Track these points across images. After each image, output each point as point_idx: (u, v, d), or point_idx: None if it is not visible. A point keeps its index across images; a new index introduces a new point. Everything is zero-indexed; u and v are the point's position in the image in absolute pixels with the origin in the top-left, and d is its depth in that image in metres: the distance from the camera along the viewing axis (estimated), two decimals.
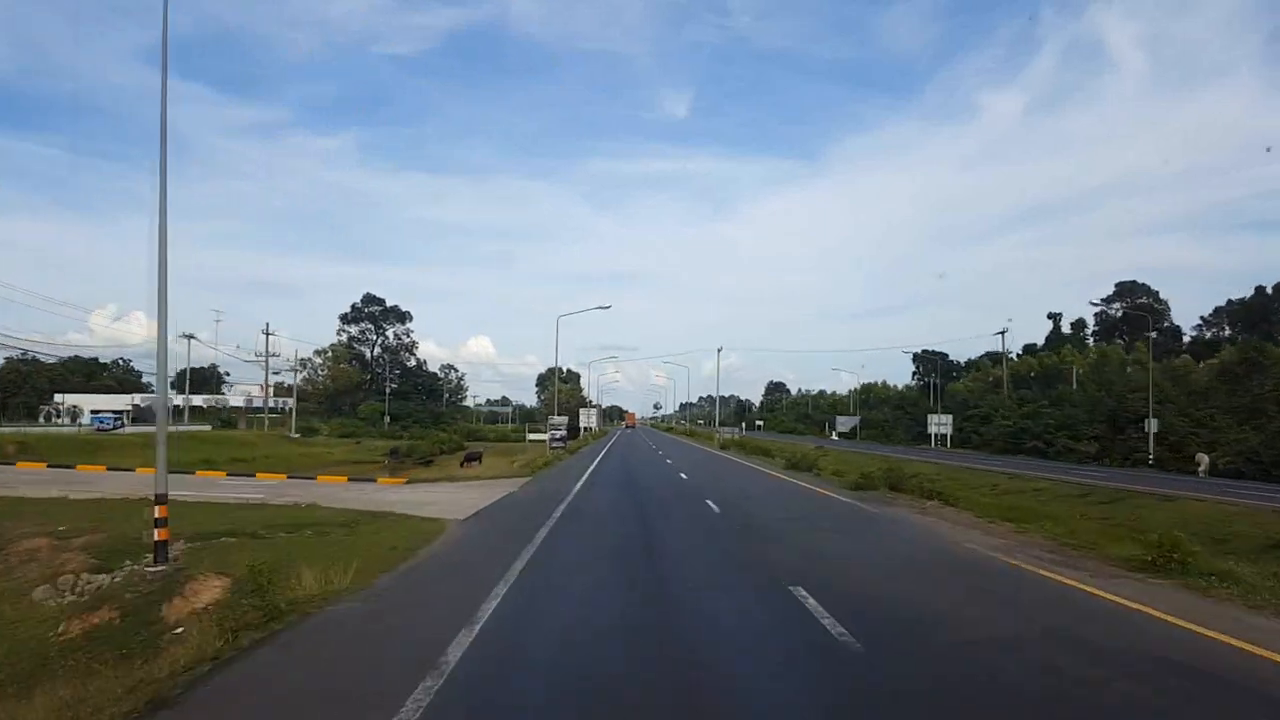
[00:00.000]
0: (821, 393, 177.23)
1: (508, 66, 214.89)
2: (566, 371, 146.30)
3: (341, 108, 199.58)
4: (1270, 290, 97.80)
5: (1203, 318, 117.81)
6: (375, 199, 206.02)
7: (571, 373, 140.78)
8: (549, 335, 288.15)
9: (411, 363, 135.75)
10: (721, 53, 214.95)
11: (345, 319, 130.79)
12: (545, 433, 46.02)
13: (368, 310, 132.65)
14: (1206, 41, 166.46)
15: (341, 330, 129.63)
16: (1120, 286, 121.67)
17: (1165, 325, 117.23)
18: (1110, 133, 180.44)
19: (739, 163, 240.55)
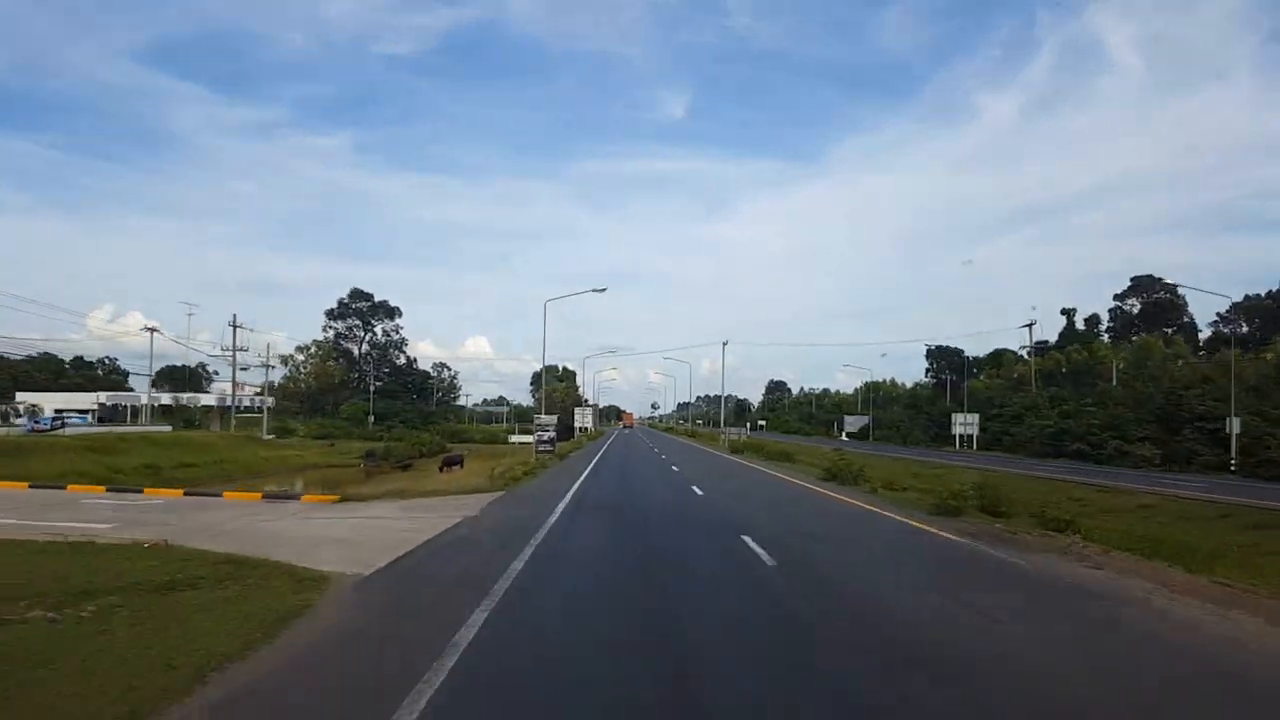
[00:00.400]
0: (825, 391, 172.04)
1: (504, 67, 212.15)
2: (563, 370, 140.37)
3: (337, 107, 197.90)
4: None
5: (1220, 314, 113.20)
6: (372, 199, 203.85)
7: (568, 371, 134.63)
8: (550, 334, 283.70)
9: (401, 360, 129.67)
10: (719, 53, 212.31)
11: (331, 315, 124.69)
12: (533, 434, 39.46)
13: (355, 306, 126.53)
14: (1207, 40, 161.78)
15: (328, 326, 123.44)
16: (1136, 281, 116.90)
17: (1184, 321, 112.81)
18: (1110, 132, 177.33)
19: (736, 163, 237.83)
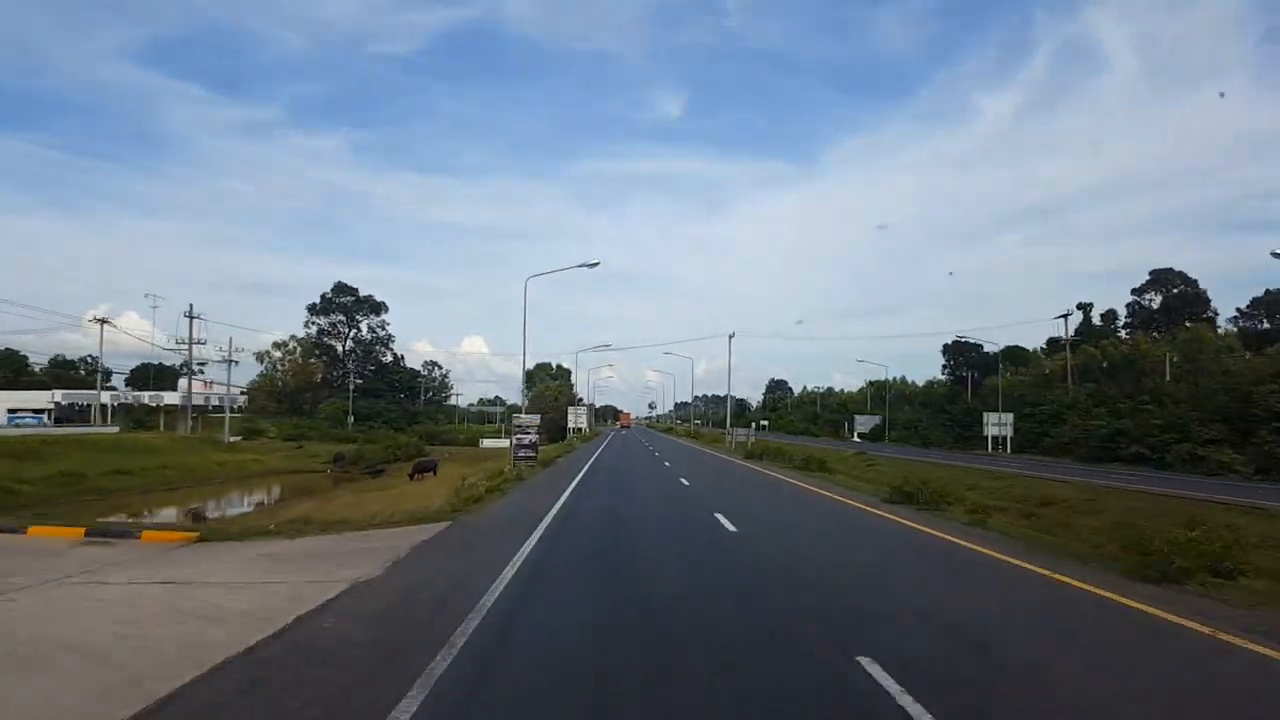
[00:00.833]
0: (829, 390, 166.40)
1: (502, 66, 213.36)
2: (556, 368, 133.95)
3: (334, 107, 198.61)
4: None
5: (1239, 309, 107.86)
6: (367, 199, 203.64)
7: (562, 369, 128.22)
8: (546, 333, 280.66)
9: (388, 358, 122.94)
10: (715, 52, 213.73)
11: (314, 310, 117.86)
12: (516, 436, 32.73)
13: (339, 301, 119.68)
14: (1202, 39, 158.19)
15: (311, 322, 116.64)
16: (1155, 275, 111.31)
17: (1206, 315, 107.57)
18: (1112, 131, 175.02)
19: (733, 163, 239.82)
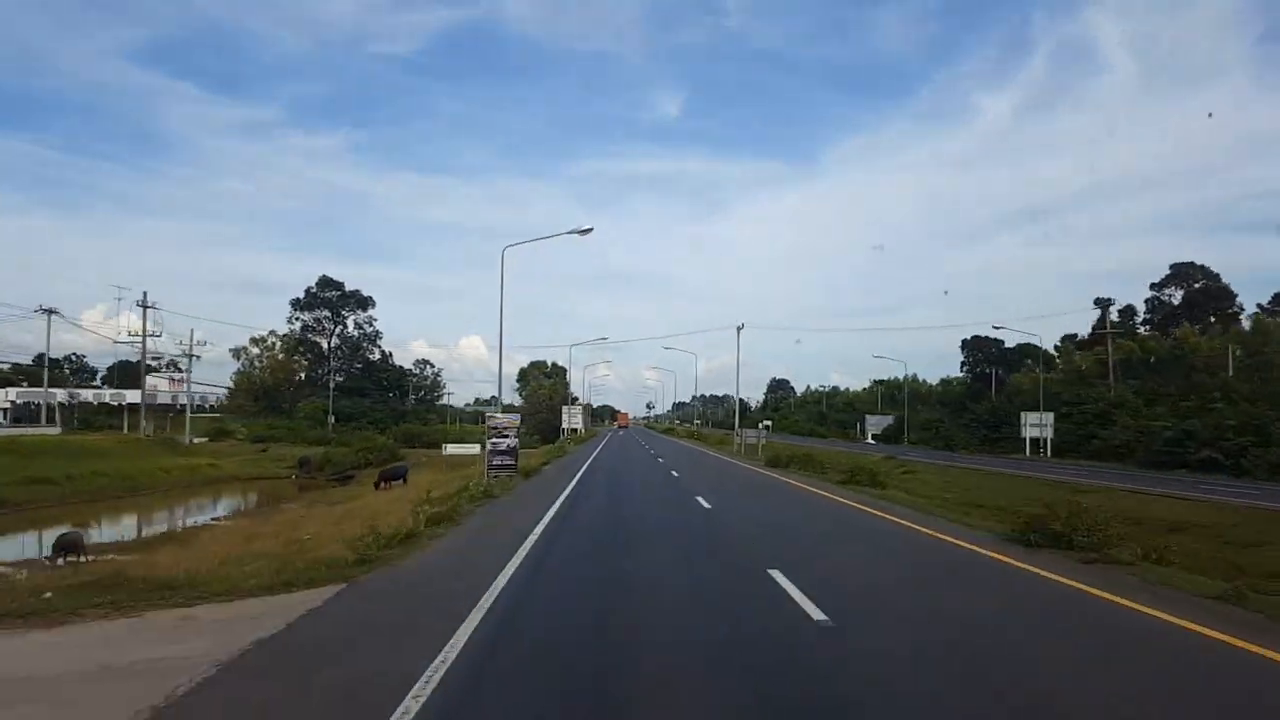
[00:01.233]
0: (834, 390, 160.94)
1: (501, 66, 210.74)
2: (551, 366, 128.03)
3: (334, 107, 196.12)
4: None
5: (1260, 305, 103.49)
6: (367, 198, 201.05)
7: (557, 367, 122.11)
8: (543, 331, 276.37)
9: (376, 356, 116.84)
10: (715, 52, 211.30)
11: (298, 305, 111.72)
12: (490, 440, 26.03)
13: (324, 295, 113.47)
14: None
15: (295, 318, 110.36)
16: (1175, 269, 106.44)
17: (1230, 310, 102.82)
18: (1109, 131, 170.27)
19: (733, 163, 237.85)
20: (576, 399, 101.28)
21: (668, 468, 33.76)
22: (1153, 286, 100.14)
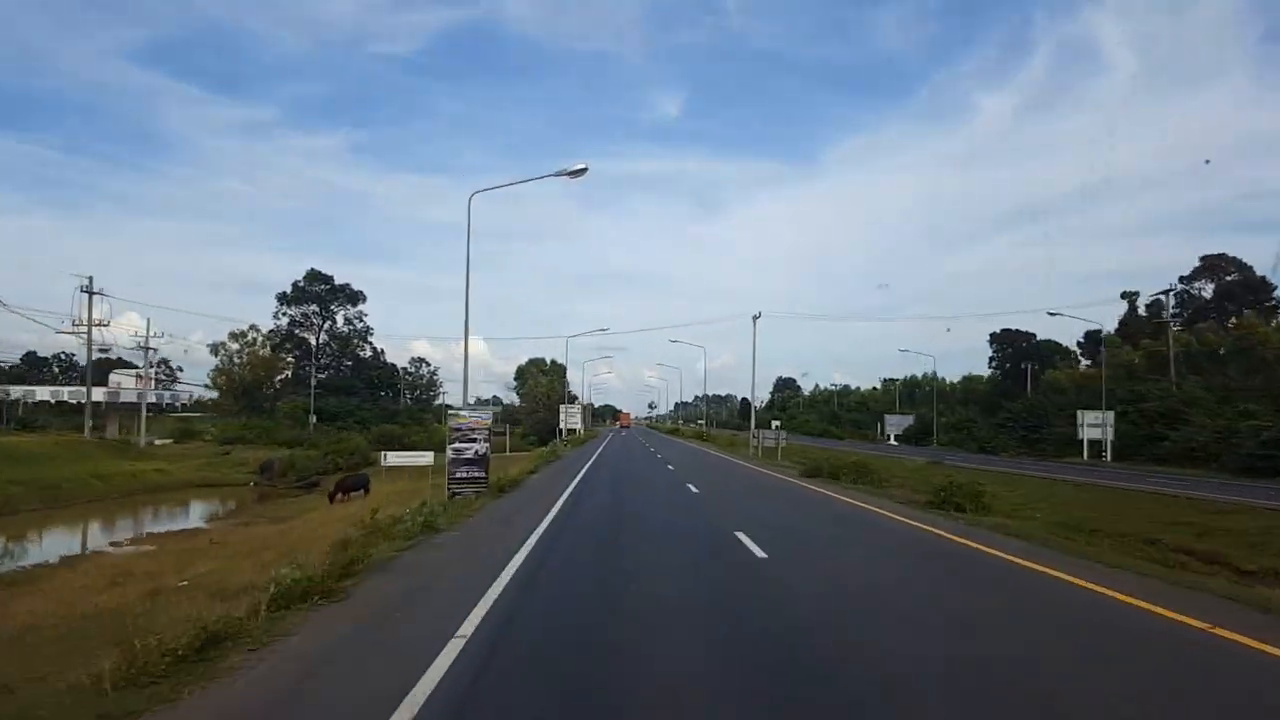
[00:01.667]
0: (846, 388, 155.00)
1: (501, 66, 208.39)
2: (550, 363, 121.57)
3: (332, 107, 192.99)
4: None
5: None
6: (367, 199, 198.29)
7: (556, 364, 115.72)
8: (541, 330, 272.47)
9: (366, 353, 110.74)
10: (715, 52, 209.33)
11: (284, 299, 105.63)
12: (452, 446, 19.73)
13: (312, 289, 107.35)
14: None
15: (282, 313, 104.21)
16: (1206, 260, 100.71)
17: (1269, 303, 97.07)
18: (1108, 131, 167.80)
19: (732, 163, 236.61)
20: (576, 398, 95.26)
21: (685, 481, 26.16)
22: (1182, 279, 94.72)
